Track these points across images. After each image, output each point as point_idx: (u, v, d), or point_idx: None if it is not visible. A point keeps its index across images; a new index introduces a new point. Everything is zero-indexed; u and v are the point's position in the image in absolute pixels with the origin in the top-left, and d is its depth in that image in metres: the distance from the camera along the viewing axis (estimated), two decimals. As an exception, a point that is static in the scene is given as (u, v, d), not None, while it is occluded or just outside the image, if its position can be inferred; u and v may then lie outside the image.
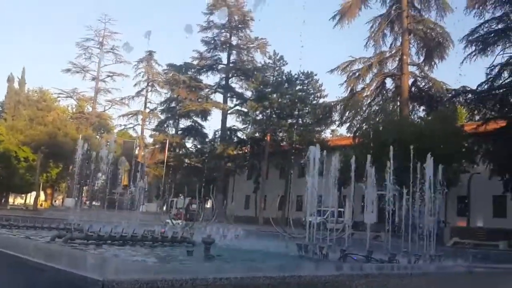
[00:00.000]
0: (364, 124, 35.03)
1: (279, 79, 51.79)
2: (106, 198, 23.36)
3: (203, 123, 59.36)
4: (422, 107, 40.25)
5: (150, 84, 67.05)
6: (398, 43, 40.28)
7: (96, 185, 63.87)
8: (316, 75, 51.67)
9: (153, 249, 9.26)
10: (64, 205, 54.99)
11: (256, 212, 48.34)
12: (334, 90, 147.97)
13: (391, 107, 41.25)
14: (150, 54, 67.11)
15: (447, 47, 39.35)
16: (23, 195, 70.84)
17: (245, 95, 56.47)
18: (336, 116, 45.54)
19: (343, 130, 56.86)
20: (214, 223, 16.40)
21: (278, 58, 52.56)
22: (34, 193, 53.90)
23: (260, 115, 51.40)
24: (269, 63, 53.45)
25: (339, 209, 13.39)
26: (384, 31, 41.02)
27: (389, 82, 41.61)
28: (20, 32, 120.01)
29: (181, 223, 17.65)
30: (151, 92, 67.43)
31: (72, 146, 49.12)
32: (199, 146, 58.66)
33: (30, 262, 3.07)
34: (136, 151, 58.09)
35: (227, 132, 54.98)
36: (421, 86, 40.34)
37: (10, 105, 64.37)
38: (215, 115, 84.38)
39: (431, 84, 39.20)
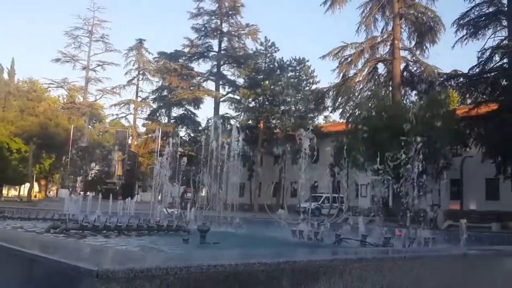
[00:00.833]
0: (356, 109, 35.07)
1: (271, 65, 51.66)
2: (101, 188, 23.34)
3: (195, 111, 59.27)
4: (414, 92, 40.34)
5: (141, 72, 66.53)
6: (390, 28, 40.19)
7: (90, 175, 63.73)
8: (308, 61, 51.71)
9: (149, 238, 9.26)
10: (59, 196, 54.83)
11: (251, 200, 48.52)
12: (326, 76, 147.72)
13: (383, 92, 41.29)
14: (141, 42, 66.47)
15: (438, 31, 39.35)
16: (16, 186, 70.57)
17: (237, 83, 56.33)
18: (328, 102, 45.61)
19: (336, 116, 56.99)
20: (208, 211, 16.42)
21: (269, 44, 52.40)
22: (27, 184, 53.69)
23: (253, 102, 51.33)
24: (260, 49, 53.30)
25: (333, 194, 13.45)
26: (375, 15, 40.88)
27: (381, 67, 41.65)
28: (8, 22, 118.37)
29: (176, 212, 17.64)
30: (143, 80, 66.99)
31: (64, 136, 49.04)
32: (192, 135, 58.57)
33: (24, 254, 3.05)
34: (129, 141, 57.84)
35: (220, 120, 54.86)
36: (413, 71, 40.37)
37: (0, 96, 63.77)
38: (208, 103, 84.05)
39: (423, 68, 39.23)
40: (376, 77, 41.51)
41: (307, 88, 51.09)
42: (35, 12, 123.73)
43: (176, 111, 60.06)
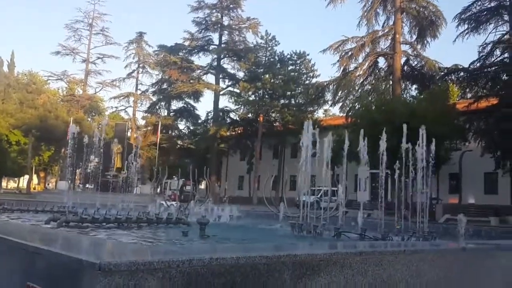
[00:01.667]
0: (356, 103, 35.03)
1: (271, 59, 51.55)
2: (100, 181, 23.32)
3: (195, 105, 59.15)
4: (415, 86, 40.29)
5: (141, 65, 66.34)
6: (391, 22, 40.05)
7: (89, 167, 63.74)
8: (308, 55, 51.59)
9: (148, 230, 9.29)
10: (58, 188, 54.90)
11: (250, 193, 48.60)
12: (326, 70, 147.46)
13: (384, 86, 41.24)
14: (141, 35, 66.23)
15: (439, 26, 39.20)
16: (16, 179, 70.64)
17: (237, 76, 56.19)
18: (328, 96, 45.56)
19: (336, 110, 56.94)
20: (207, 204, 16.44)
21: (270, 38, 52.25)
22: (27, 176, 53.73)
23: (253, 95, 51.26)
24: (261, 43, 53.15)
25: (332, 188, 13.46)
26: (376, 10, 40.72)
27: (381, 61, 41.54)
28: (8, 15, 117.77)
29: (175, 205, 17.66)
30: (142, 73, 66.80)
31: (64, 129, 48.94)
32: (191, 128, 58.52)
33: (26, 246, 3.07)
34: (129, 134, 57.79)
35: (220, 113, 54.81)
36: (413, 65, 40.28)
37: (0, 88, 63.65)
38: (207, 97, 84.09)
39: (423, 62, 39.15)
40: (377, 71, 41.44)
41: (307, 81, 51.01)
42: (35, 5, 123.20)
43: (176, 104, 59.99)
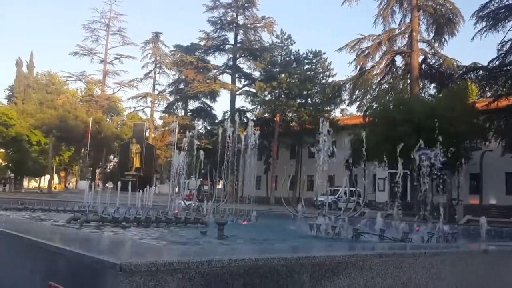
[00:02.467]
0: (374, 102, 34.74)
1: (287, 58, 51.43)
2: (119, 180, 23.63)
3: (212, 104, 59.39)
4: (433, 85, 39.80)
5: (157, 66, 66.83)
6: (408, 20, 39.63)
7: (108, 167, 64.53)
8: (324, 54, 51.35)
9: (167, 230, 9.36)
10: (78, 187, 55.69)
11: (267, 192, 48.61)
12: (343, 69, 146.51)
13: (401, 85, 40.83)
14: (157, 35, 66.71)
15: (457, 23, 38.67)
16: (37, 178, 71.85)
17: (253, 76, 56.22)
18: (345, 95, 45.26)
19: (353, 109, 56.67)
20: (225, 204, 16.50)
21: (285, 37, 52.13)
22: (48, 176, 54.60)
23: (269, 95, 51.23)
24: (276, 42, 53.05)
25: (350, 188, 13.39)
26: (393, 7, 40.34)
27: (399, 60, 41.12)
28: (26, 16, 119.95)
29: (193, 204, 17.76)
30: (159, 74, 67.28)
31: (83, 129, 49.67)
32: (208, 128, 58.76)
33: (48, 246, 3.12)
34: (147, 133, 58.34)
35: (236, 113, 54.94)
36: (431, 63, 39.79)
37: (19, 89, 64.76)
38: (224, 96, 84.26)
39: (441, 61, 38.64)
40: (394, 69, 41.05)
41: (324, 81, 50.77)
42: (53, 6, 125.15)
43: (193, 104, 60.31)
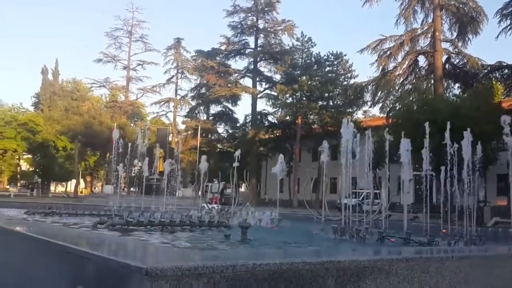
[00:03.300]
0: (397, 103, 34.33)
1: (308, 61, 51.22)
2: (143, 184, 23.87)
3: (233, 108, 59.58)
4: (457, 84, 39.16)
5: (179, 71, 67.54)
6: (430, 20, 39.10)
7: (132, 171, 65.31)
8: (345, 55, 50.91)
9: (191, 233, 9.43)
10: (103, 191, 56.56)
11: (290, 195, 48.46)
12: (365, 70, 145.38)
13: (425, 85, 40.28)
14: (178, 41, 67.44)
15: (480, 22, 37.94)
16: (63, 183, 73.26)
17: (274, 79, 56.21)
18: (368, 97, 44.87)
19: (375, 111, 56.01)
20: (248, 207, 16.53)
21: (306, 39, 51.92)
22: (74, 181, 55.60)
23: (290, 98, 51.09)
24: (297, 45, 52.89)
25: (374, 190, 13.22)
26: (414, 7, 39.87)
27: (422, 60, 40.57)
28: (52, 25, 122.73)
29: (216, 208, 17.85)
30: (181, 79, 68.01)
31: (108, 134, 50.44)
32: (230, 131, 58.95)
33: (75, 250, 3.17)
34: (170, 138, 58.91)
35: (258, 116, 54.97)
36: (455, 63, 39.16)
37: (45, 96, 66.27)
38: (245, 100, 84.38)
39: (465, 60, 37.96)
40: (417, 70, 40.51)
41: (345, 82, 50.42)
42: (77, 15, 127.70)
43: (214, 108, 60.65)
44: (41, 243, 3.75)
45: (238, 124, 58.02)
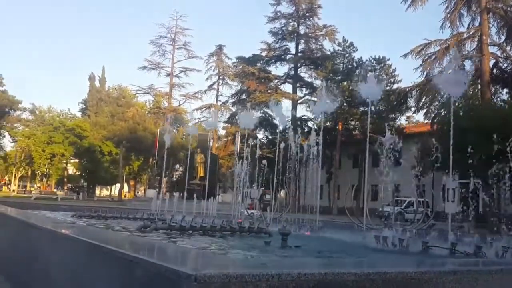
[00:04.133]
0: (442, 109, 33.40)
1: (350, 66, 50.69)
2: (185, 189, 24.36)
3: (273, 114, 59.65)
4: (506, 90, 37.69)
5: (221, 77, 68.32)
6: (477, 23, 37.88)
7: (174, 176, 66.52)
8: (388, 60, 50.09)
9: (232, 239, 9.53)
10: (146, 195, 57.86)
11: (329, 202, 47.98)
12: (408, 75, 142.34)
13: (471, 91, 38.99)
14: (220, 48, 68.26)
15: (530, 25, 36.44)
16: (108, 187, 75.46)
17: (314, 84, 55.96)
18: (411, 102, 43.91)
19: (419, 117, 54.63)
20: (287, 213, 16.51)
21: (347, 45, 51.43)
22: (118, 185, 57.17)
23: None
24: (338, 50, 52.48)
25: (418, 199, 12.93)
26: (460, 11, 38.77)
27: (468, 65, 39.33)
28: (99, 34, 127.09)
29: (256, 213, 17.93)
30: (222, 85, 68.74)
31: (151, 139, 51.68)
32: (270, 137, 59.05)
33: (125, 256, 3.28)
34: (210, 143, 59.62)
35: (298, 122, 54.82)
36: (503, 68, 37.74)
37: (92, 102, 68.63)
38: (285, 106, 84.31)
39: (514, 64, 36.55)
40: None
41: (388, 87, 49.52)
42: (123, 23, 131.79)
43: (254, 114, 60.95)
44: (91, 247, 3.90)
45: (278, 130, 58.02)
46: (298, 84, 56.64)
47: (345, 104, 49.09)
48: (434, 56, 38.81)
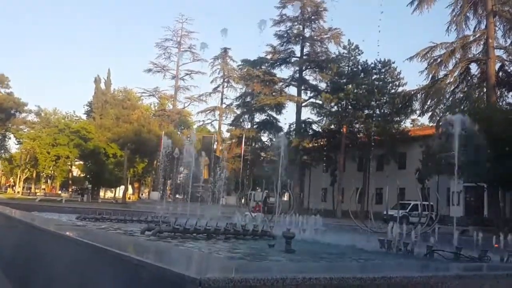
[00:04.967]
0: (447, 112, 33.27)
1: (355, 69, 50.59)
2: (189, 192, 24.38)
3: (277, 117, 59.62)
4: (511, 93, 37.55)
5: (225, 80, 68.45)
6: (483, 26, 37.73)
7: (178, 178, 66.54)
8: (393, 63, 49.96)
9: (236, 242, 9.52)
10: (150, 198, 57.91)
11: (333, 205, 47.87)
12: (413, 78, 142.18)
13: (477, 94, 38.84)
14: (225, 51, 68.40)
15: (537, 28, 36.30)
16: (112, 189, 75.57)
17: (319, 87, 55.88)
18: (416, 105, 43.77)
19: (424, 120, 54.48)
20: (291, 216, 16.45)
21: (353, 47, 51.33)
22: (122, 187, 57.23)
23: (336, 106, 50.58)
24: (343, 53, 52.38)
25: (422, 202, 12.88)
26: (466, 14, 38.64)
27: (474, 68, 39.18)
28: (104, 36, 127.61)
29: (260, 216, 17.90)
30: (227, 88, 68.89)
31: (156, 142, 51.76)
32: (274, 140, 59.03)
33: (131, 259, 3.29)
34: (215, 146, 59.67)
35: (302, 125, 54.75)
36: (509, 71, 37.57)
37: (98, 104, 68.82)
38: (290, 108, 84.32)
39: (521, 68, 36.38)
40: (469, 78, 39.13)
41: (393, 91, 49.41)
42: (128, 26, 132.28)
43: (259, 117, 60.94)
44: (96, 250, 3.91)
45: (282, 133, 57.97)
46: (302, 87, 56.59)
47: (349, 107, 49.02)
48: (439, 59, 38.68)
